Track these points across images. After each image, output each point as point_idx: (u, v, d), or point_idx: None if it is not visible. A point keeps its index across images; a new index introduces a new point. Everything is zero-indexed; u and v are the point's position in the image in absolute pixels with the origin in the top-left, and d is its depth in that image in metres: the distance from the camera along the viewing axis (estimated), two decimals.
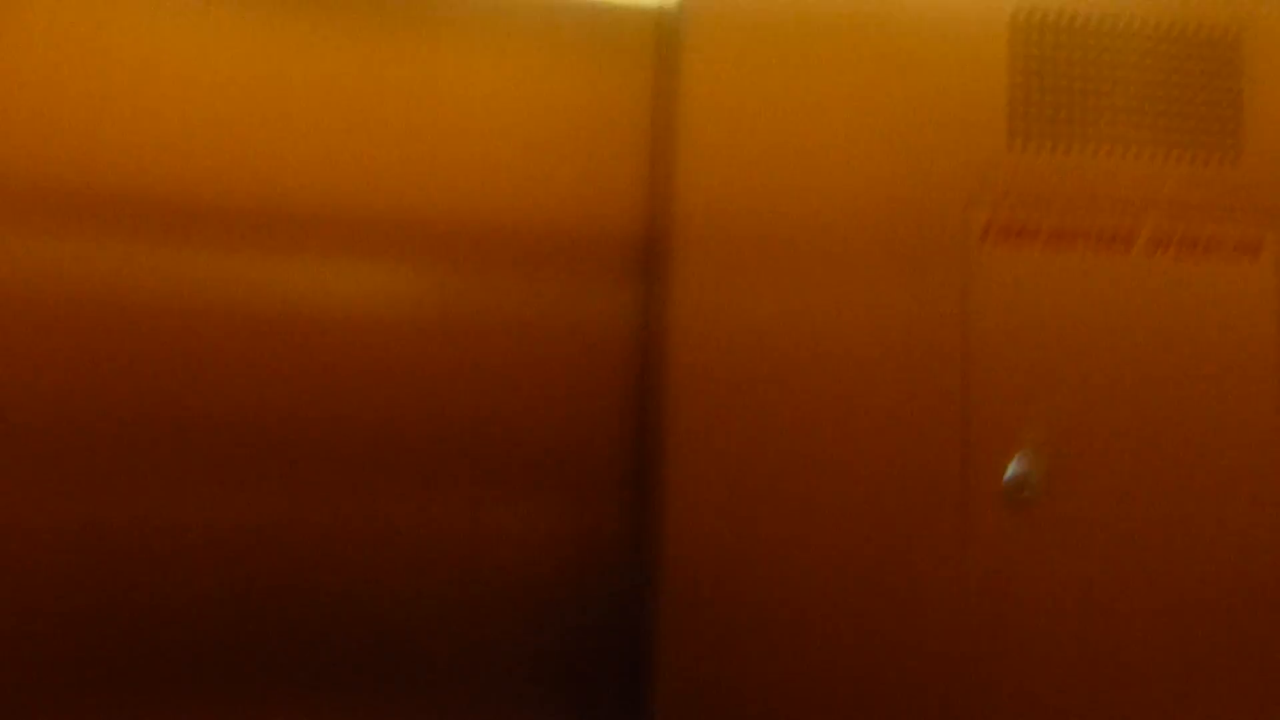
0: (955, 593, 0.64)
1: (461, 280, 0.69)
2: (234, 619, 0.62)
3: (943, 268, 0.66)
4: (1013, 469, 0.64)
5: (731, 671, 0.61)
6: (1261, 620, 0.66)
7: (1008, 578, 0.64)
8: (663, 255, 0.65)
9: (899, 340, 0.65)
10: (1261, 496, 0.67)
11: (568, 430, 0.70)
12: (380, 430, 0.66)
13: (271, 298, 0.65)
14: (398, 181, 0.69)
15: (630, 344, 0.68)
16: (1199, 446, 0.67)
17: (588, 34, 0.72)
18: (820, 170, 0.65)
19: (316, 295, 0.66)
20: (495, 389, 0.69)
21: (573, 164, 0.71)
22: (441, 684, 0.65)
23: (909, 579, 0.63)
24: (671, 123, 0.66)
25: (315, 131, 0.68)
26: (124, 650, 0.61)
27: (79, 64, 0.63)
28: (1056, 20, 0.68)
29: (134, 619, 0.61)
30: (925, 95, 0.67)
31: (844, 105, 0.66)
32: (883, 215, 0.66)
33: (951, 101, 0.67)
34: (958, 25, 0.67)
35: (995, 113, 0.67)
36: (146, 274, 0.63)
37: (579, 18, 0.72)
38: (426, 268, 0.69)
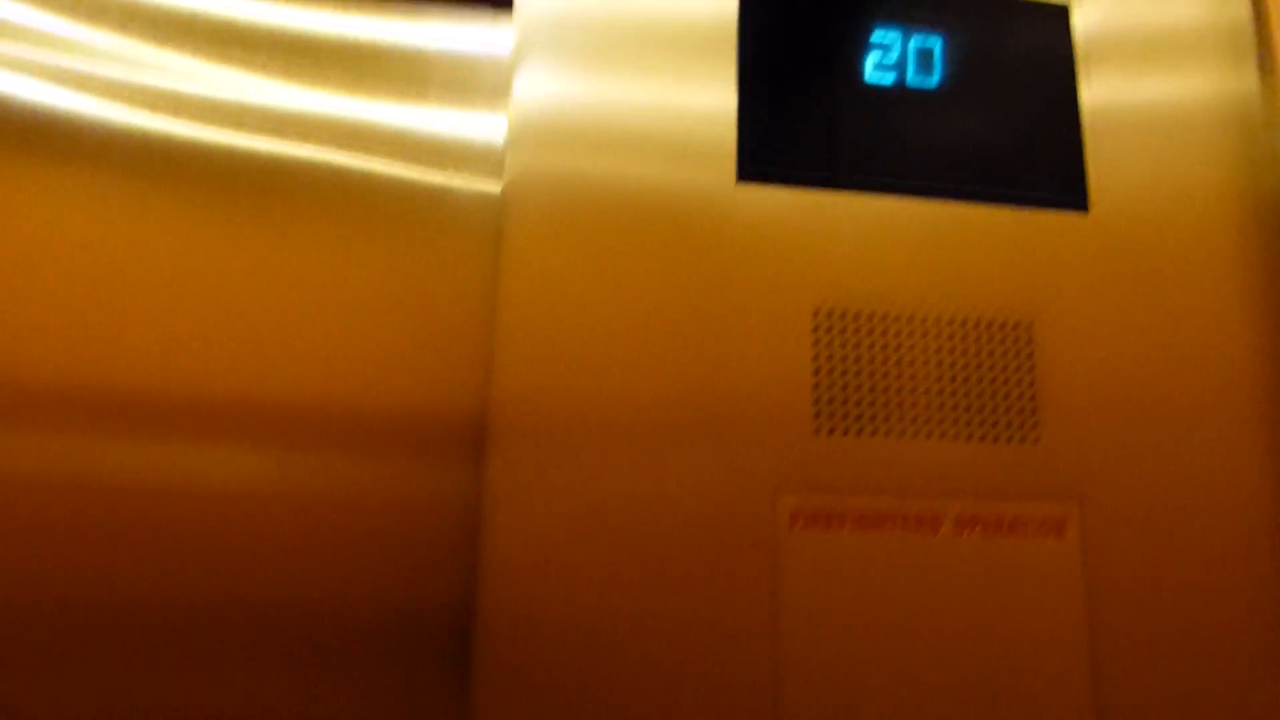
0: None
1: (301, 462, 0.72)
2: None
3: (751, 554, 0.69)
4: None
5: None
6: None
7: None
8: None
9: (707, 626, 0.67)
10: None
11: (401, 609, 0.71)
12: (215, 609, 0.68)
13: (108, 477, 0.68)
14: (239, 364, 0.73)
15: (464, 527, 0.70)
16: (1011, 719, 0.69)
17: (434, 217, 0.77)
18: (626, 395, 0.69)
19: (154, 475, 0.69)
20: (332, 569, 0.71)
21: (415, 347, 0.75)
22: None
23: None
24: (494, 309, 0.70)
25: (156, 315, 0.72)
26: None
27: None
28: (858, 313, 0.73)
29: None
30: (732, 384, 0.71)
31: (656, 354, 0.70)
32: (690, 505, 0.69)
33: (758, 390, 0.71)
34: (763, 314, 0.72)
35: (801, 401, 0.72)
36: None
37: (425, 201, 0.78)
38: (267, 449, 0.72)
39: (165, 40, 0.77)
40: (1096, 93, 0.80)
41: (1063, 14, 0.81)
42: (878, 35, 0.78)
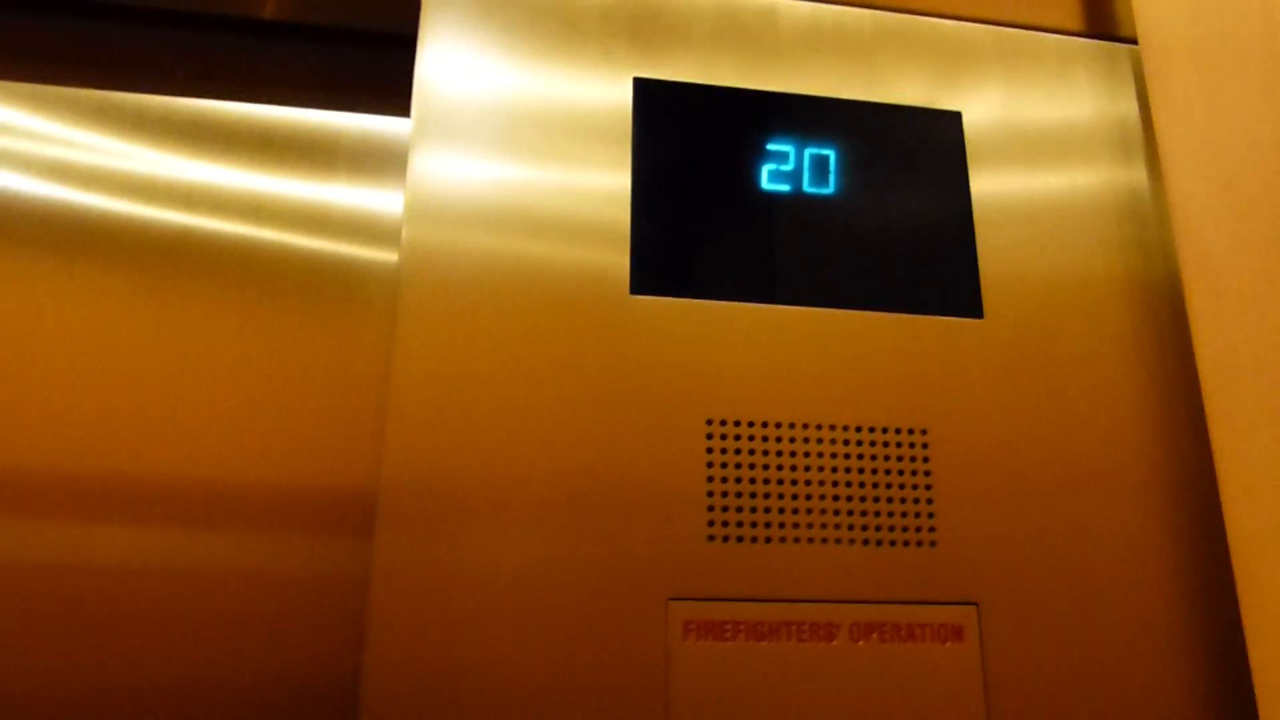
0: None
1: (195, 537, 0.73)
2: None
3: (642, 664, 0.69)
4: None
5: None
6: None
7: None
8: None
9: None
10: None
11: (292, 686, 0.72)
12: (102, 686, 0.68)
13: None
14: (139, 438, 0.73)
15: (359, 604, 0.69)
16: None
17: (342, 291, 0.78)
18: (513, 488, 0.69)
19: (40, 551, 0.69)
20: (222, 646, 0.71)
21: (319, 420, 0.76)
22: None
23: None
24: (387, 382, 0.71)
25: (56, 387, 0.73)
26: None
27: None
28: (752, 421, 0.74)
29: None
30: (624, 488, 0.72)
31: (546, 419, 0.71)
32: (580, 605, 0.69)
33: (650, 496, 0.72)
34: (656, 421, 0.73)
35: (695, 509, 0.72)
36: None
37: (332, 275, 0.79)
38: (160, 524, 0.72)
39: (78, 118, 0.80)
40: (988, 198, 0.81)
41: (955, 119, 0.83)
42: (773, 144, 0.80)
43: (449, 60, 0.78)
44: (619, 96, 0.79)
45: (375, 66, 0.85)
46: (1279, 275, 0.70)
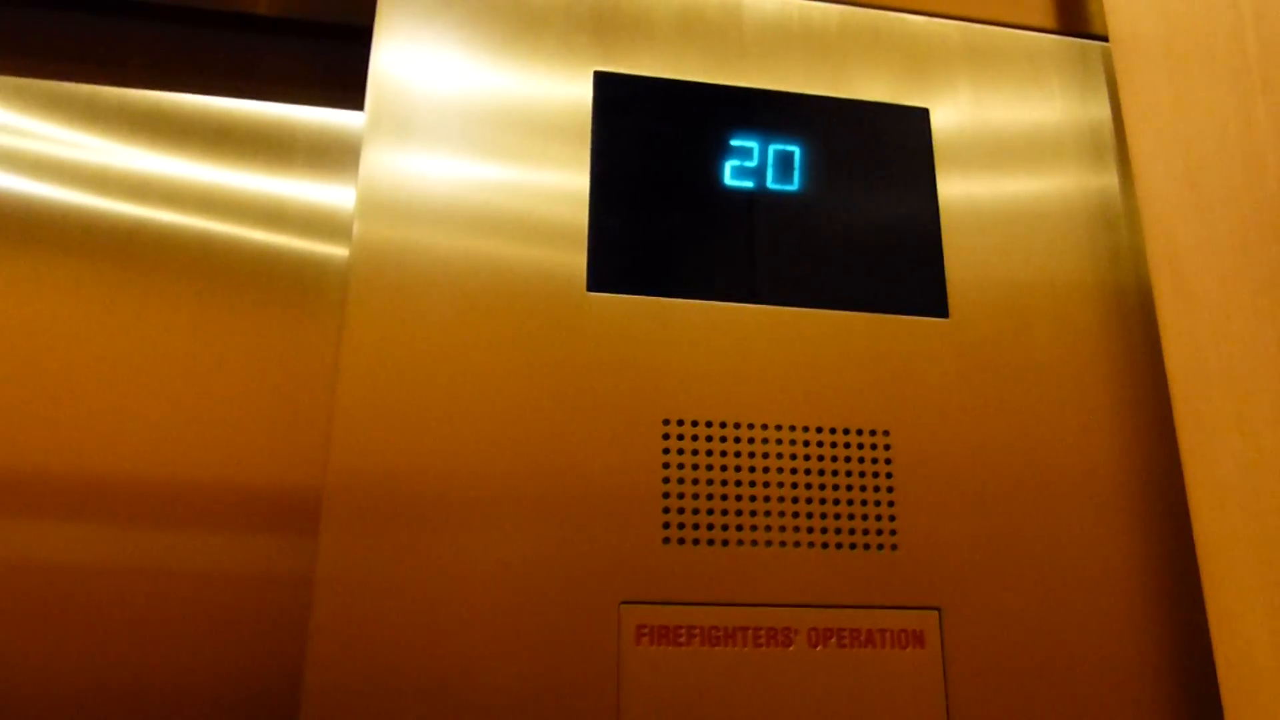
0: None
1: (143, 535, 0.71)
2: None
3: (594, 668, 0.67)
4: None
5: None
6: None
7: None
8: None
9: None
10: None
11: (238, 686, 0.70)
12: (49, 685, 0.66)
13: None
14: (87, 434, 0.72)
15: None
16: None
17: (297, 285, 0.77)
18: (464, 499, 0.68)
19: None
20: (168, 645, 0.70)
21: (272, 416, 0.74)
22: None
23: None
24: (335, 379, 0.69)
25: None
26: None
27: None
28: (710, 421, 0.73)
29: None
30: (578, 487, 0.70)
31: (496, 430, 0.69)
32: (530, 606, 0.67)
33: (604, 496, 0.70)
34: (612, 420, 0.71)
35: (650, 510, 0.71)
36: None
37: (288, 269, 0.77)
38: (109, 521, 0.71)
39: (27, 106, 0.78)
40: (955, 195, 0.80)
41: (922, 116, 0.82)
42: (737, 140, 0.79)
43: (404, 53, 0.76)
44: (579, 91, 0.78)
45: (333, 60, 0.84)
46: (1247, 275, 0.69)
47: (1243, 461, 0.68)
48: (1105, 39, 0.86)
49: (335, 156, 0.83)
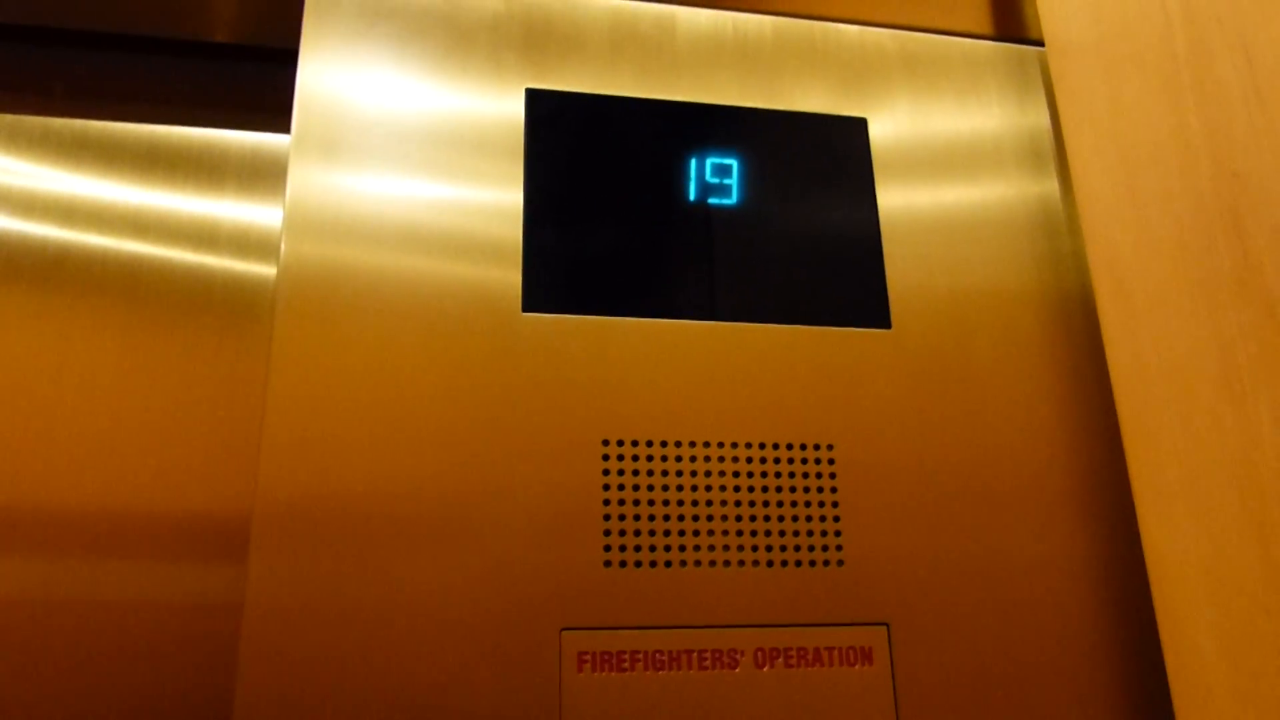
0: None
1: (73, 567, 0.69)
2: None
3: (534, 698, 0.66)
4: None
5: None
6: None
7: None
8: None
9: None
10: None
11: (170, 715, 0.68)
12: None
13: None
14: (11, 462, 0.70)
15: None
16: None
17: (229, 307, 0.75)
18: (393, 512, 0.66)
19: None
20: (98, 674, 0.68)
21: (200, 442, 0.72)
22: None
23: None
24: (263, 401, 0.68)
25: None
26: None
27: None
28: (650, 440, 0.71)
29: None
30: (515, 512, 0.69)
31: (431, 449, 0.68)
32: (467, 634, 0.66)
33: (543, 521, 0.69)
34: (549, 442, 0.70)
35: (591, 534, 0.69)
36: None
37: (221, 291, 0.75)
38: (39, 555, 0.69)
39: None
40: (895, 205, 0.79)
41: (860, 126, 0.81)
42: (673, 155, 0.78)
43: (330, 72, 0.75)
44: (511, 108, 0.77)
45: (263, 83, 0.82)
46: (1183, 277, 0.68)
47: (1186, 464, 0.68)
48: (1042, 44, 0.85)
49: (269, 177, 0.81)
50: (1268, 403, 0.61)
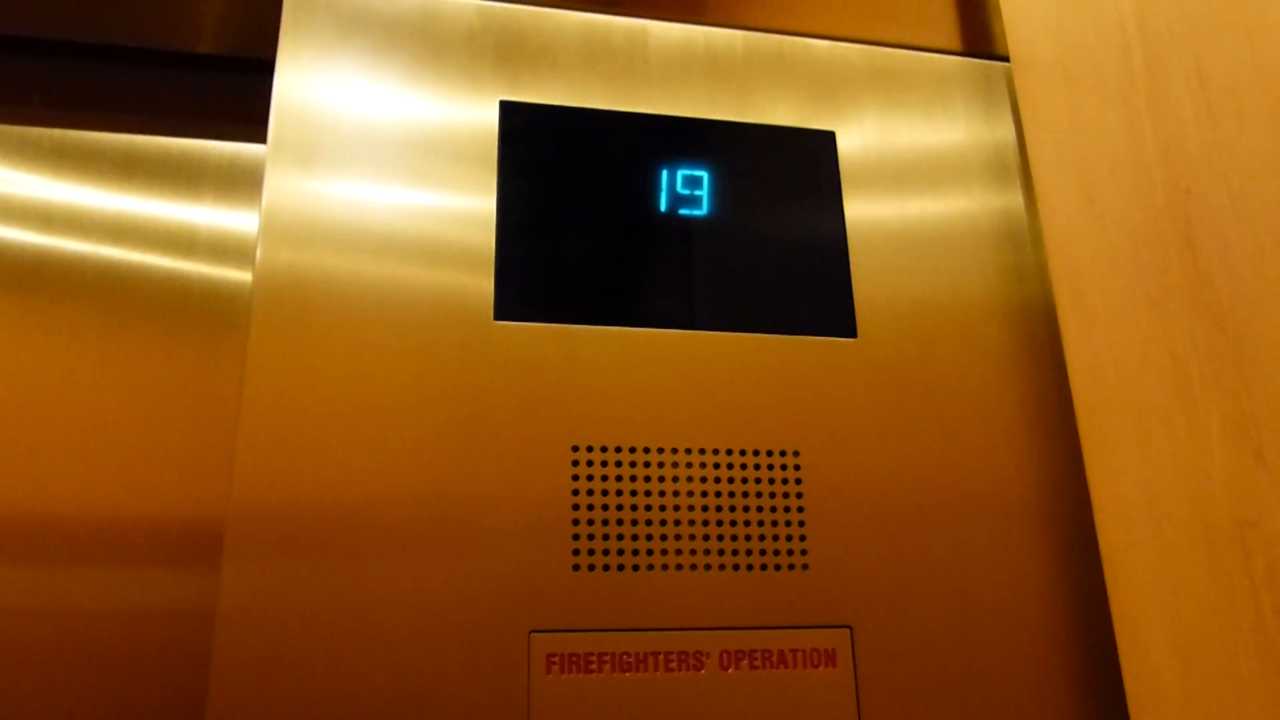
0: None
1: (51, 574, 0.70)
2: None
3: (503, 700, 0.67)
4: None
5: None
6: None
7: None
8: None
9: None
10: None
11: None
12: None
13: None
14: None
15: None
16: None
17: (207, 313, 0.76)
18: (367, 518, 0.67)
19: None
20: (73, 684, 0.68)
21: (178, 448, 0.73)
22: None
23: None
24: (238, 407, 0.68)
25: None
26: None
27: None
28: (619, 447, 0.73)
29: None
30: (486, 516, 0.70)
31: (404, 456, 0.69)
32: (438, 637, 0.67)
33: (513, 525, 0.70)
34: (520, 448, 0.71)
35: (560, 538, 0.71)
36: None
37: (199, 296, 0.76)
38: (11, 563, 0.69)
39: None
40: (862, 217, 0.81)
41: (828, 139, 0.83)
42: (645, 167, 0.79)
43: (307, 83, 0.76)
44: (485, 119, 0.78)
45: (239, 93, 0.84)
46: (1139, 289, 0.70)
47: (1141, 472, 0.70)
48: (1008, 59, 0.87)
49: (247, 184, 0.82)
50: (1217, 413, 0.63)
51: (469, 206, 0.75)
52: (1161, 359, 0.68)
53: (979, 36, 0.89)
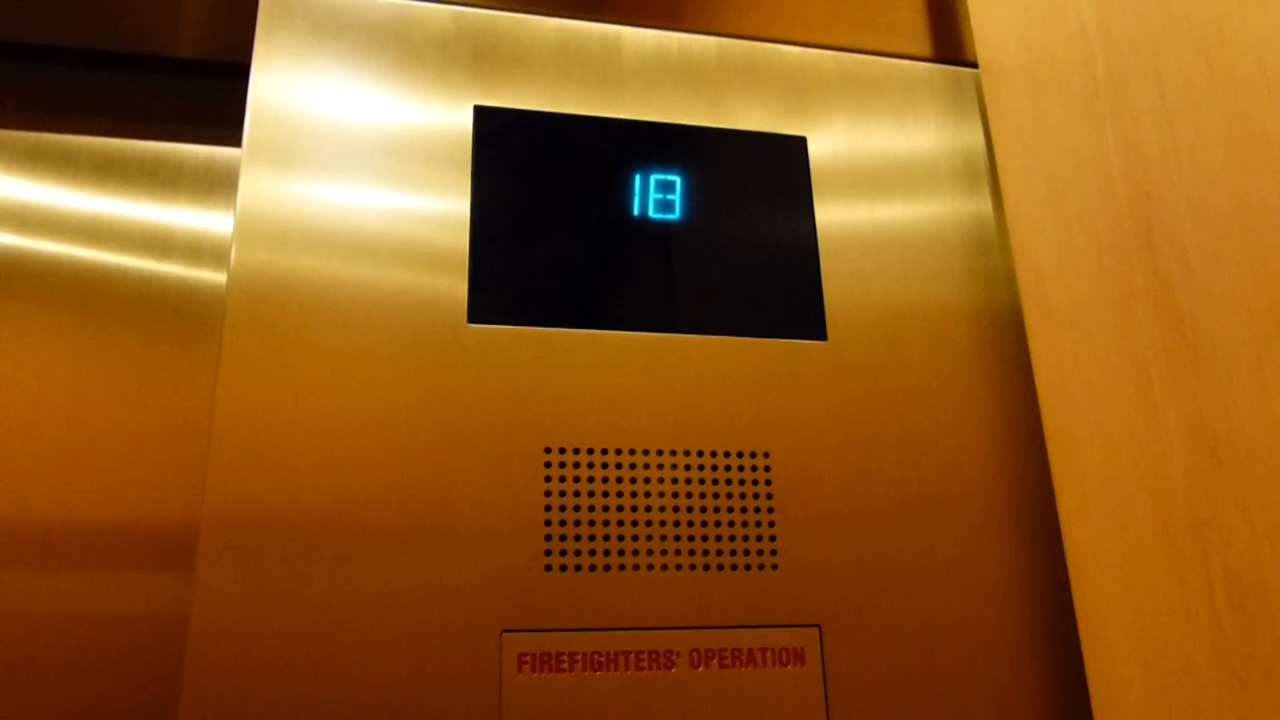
0: None
1: (14, 578, 0.70)
2: None
3: (475, 699, 0.67)
4: None
5: None
6: None
7: None
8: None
9: None
10: None
11: None
12: None
13: None
14: None
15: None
16: None
17: (183, 314, 0.76)
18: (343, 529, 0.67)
19: None
20: (44, 688, 0.68)
21: (153, 450, 0.73)
22: None
23: None
24: (213, 410, 0.69)
25: None
26: None
27: None
28: (591, 448, 0.74)
29: None
30: (458, 516, 0.70)
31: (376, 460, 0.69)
32: (411, 637, 0.68)
33: (486, 525, 0.71)
34: (493, 449, 0.72)
35: (532, 538, 0.71)
36: None
37: (175, 297, 0.76)
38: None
39: None
40: (833, 221, 0.82)
41: (800, 144, 0.84)
42: (618, 171, 0.80)
43: (282, 86, 0.77)
44: (459, 124, 0.79)
45: (216, 97, 0.84)
46: (1102, 294, 0.71)
47: (1104, 473, 0.71)
48: (977, 66, 0.89)
49: (224, 186, 0.83)
50: (1176, 414, 0.65)
51: (444, 210, 0.76)
52: (1123, 361, 0.69)
53: (949, 43, 0.90)
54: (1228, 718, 0.59)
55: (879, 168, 0.85)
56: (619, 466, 0.73)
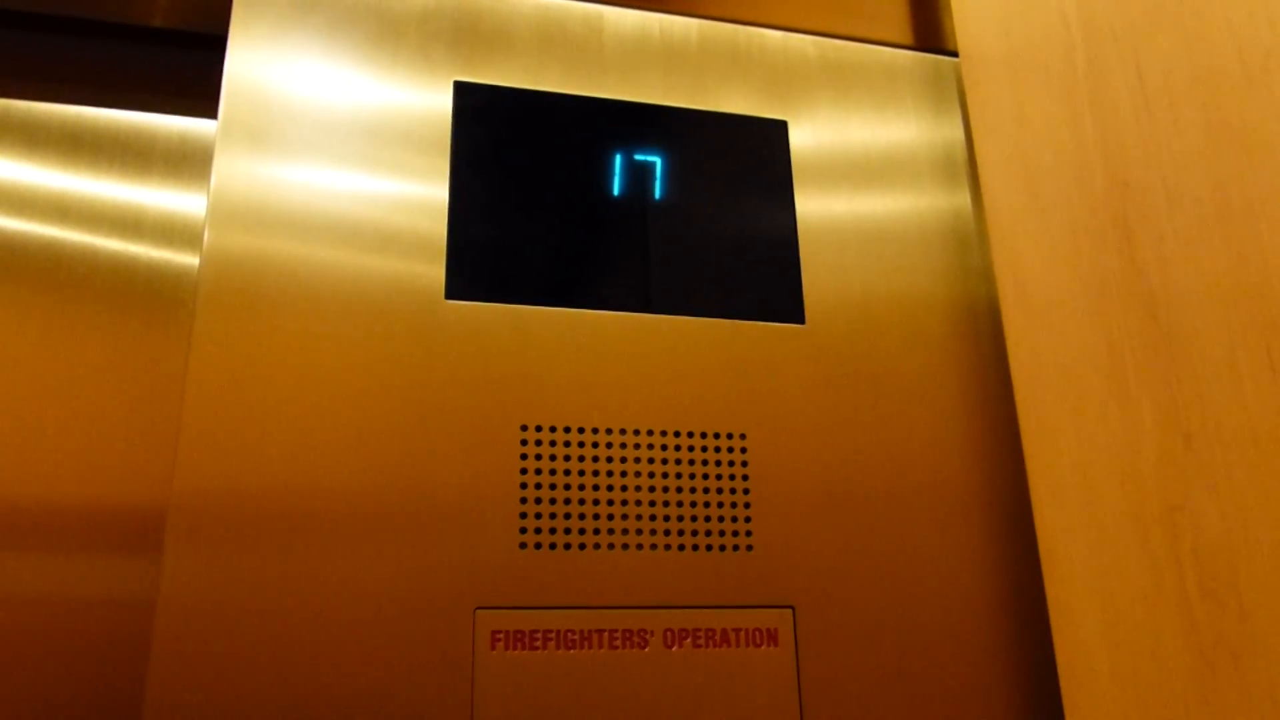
0: None
1: None
2: None
3: (448, 675, 0.67)
4: None
5: None
6: None
7: None
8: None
9: None
10: None
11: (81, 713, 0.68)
12: None
13: None
14: None
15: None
16: None
17: (156, 295, 0.75)
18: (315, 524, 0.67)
19: None
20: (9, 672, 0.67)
21: (121, 432, 0.72)
22: None
23: None
24: (184, 392, 0.68)
25: None
26: None
27: None
28: (568, 427, 0.73)
29: None
30: (433, 494, 0.70)
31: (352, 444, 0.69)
32: (384, 616, 0.67)
33: (461, 503, 0.70)
34: (469, 427, 0.71)
35: (507, 516, 0.71)
36: None
37: (145, 279, 0.75)
38: None
39: None
40: (812, 206, 0.82)
41: (781, 129, 0.84)
42: (598, 150, 0.80)
43: (259, 61, 0.76)
44: (439, 101, 0.78)
45: (193, 68, 0.83)
46: (1078, 282, 0.72)
47: (1077, 459, 0.71)
48: (957, 55, 0.89)
49: (196, 164, 0.82)
50: (1149, 401, 0.65)
51: (421, 188, 0.75)
52: (1098, 347, 0.70)
53: (930, 32, 0.91)
54: (1196, 700, 0.60)
55: (860, 155, 0.85)
56: (595, 445, 0.73)
